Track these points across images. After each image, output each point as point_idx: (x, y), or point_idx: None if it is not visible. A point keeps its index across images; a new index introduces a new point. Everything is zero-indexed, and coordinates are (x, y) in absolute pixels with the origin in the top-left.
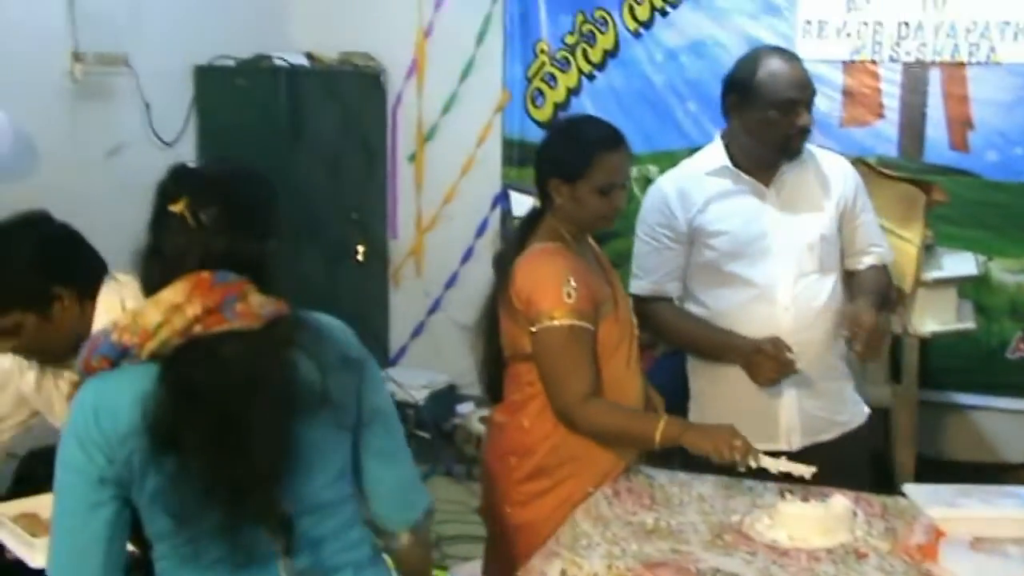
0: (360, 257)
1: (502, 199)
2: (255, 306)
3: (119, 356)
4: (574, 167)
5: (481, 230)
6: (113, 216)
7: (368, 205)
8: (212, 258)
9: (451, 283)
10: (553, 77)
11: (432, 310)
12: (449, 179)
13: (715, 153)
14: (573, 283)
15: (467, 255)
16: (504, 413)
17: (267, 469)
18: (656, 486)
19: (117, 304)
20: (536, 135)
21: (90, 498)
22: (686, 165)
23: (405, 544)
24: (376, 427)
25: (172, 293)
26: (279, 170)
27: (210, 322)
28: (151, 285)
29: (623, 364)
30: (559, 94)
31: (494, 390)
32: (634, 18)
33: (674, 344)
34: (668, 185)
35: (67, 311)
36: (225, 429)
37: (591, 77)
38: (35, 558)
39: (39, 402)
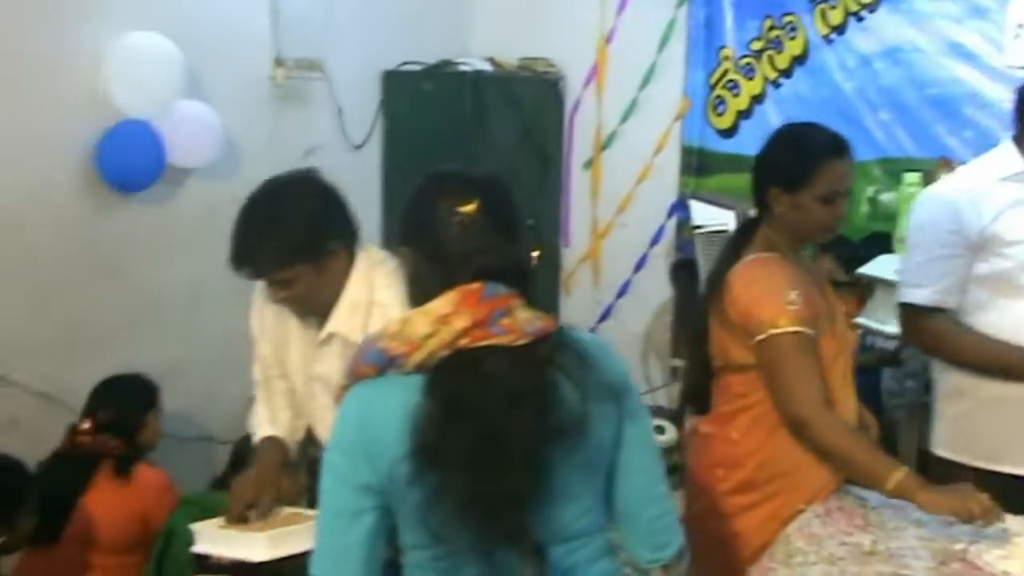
0: (533, 263)
1: (679, 208)
2: (521, 322)
3: (386, 365)
4: (796, 175)
5: (656, 239)
6: None
7: (542, 211)
8: (494, 266)
9: (623, 291)
10: (736, 84)
11: (603, 318)
12: (625, 187)
13: (1008, 158)
14: (795, 292)
15: (640, 263)
16: (712, 424)
17: (521, 490)
18: (869, 508)
19: (369, 282)
20: (716, 143)
21: (352, 506)
22: (972, 171)
23: None
24: (633, 461)
25: (442, 303)
26: None
27: (476, 335)
28: (430, 291)
29: (840, 380)
30: (742, 102)
31: (699, 400)
32: (826, 23)
33: (950, 359)
34: (956, 192)
35: (337, 265)
36: (484, 446)
37: (777, 84)
38: (256, 553)
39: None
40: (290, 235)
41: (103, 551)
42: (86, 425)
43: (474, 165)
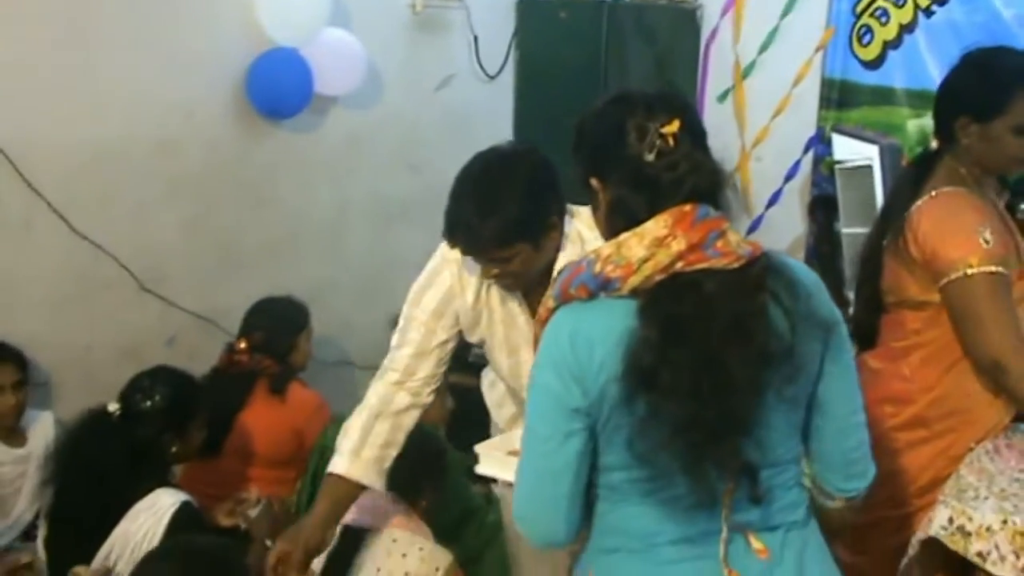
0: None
1: (816, 143)
2: (734, 244)
3: (599, 288)
4: (989, 104)
5: (791, 174)
6: (443, 146)
7: None
8: (703, 187)
9: (755, 226)
10: (885, 12)
11: None
12: (760, 120)
13: None
14: (987, 229)
15: (774, 199)
16: (880, 359)
17: (742, 415)
18: None
19: (578, 239)
20: (860, 75)
21: (563, 427)
22: None
23: (838, 507)
24: (834, 393)
25: (657, 226)
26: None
27: (692, 259)
28: (634, 219)
29: None
30: (890, 31)
31: (866, 336)
32: None
33: None
34: None
35: (552, 239)
36: (705, 370)
37: (929, 12)
38: None
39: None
40: (512, 215)
41: (260, 464)
42: (242, 345)
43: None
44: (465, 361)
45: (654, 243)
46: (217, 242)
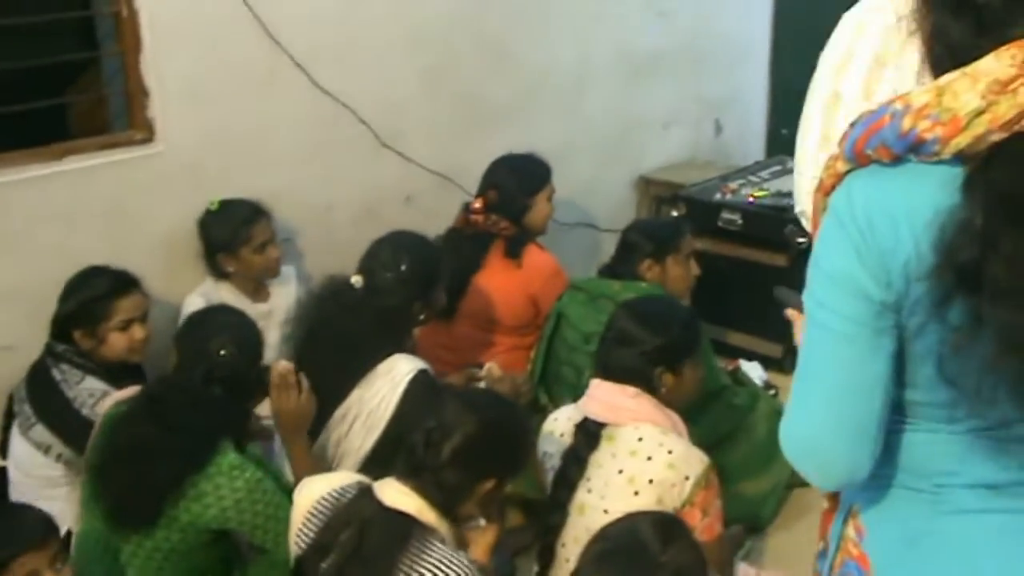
0: None
1: None
2: None
3: (907, 149)
4: None
5: None
6: None
7: None
8: None
9: None
10: None
11: None
12: None
13: None
14: None
15: None
16: None
17: None
18: None
19: None
20: None
21: (872, 324)
22: None
23: None
24: None
25: (999, 64)
26: None
27: None
28: (959, 53)
29: None
30: None
31: None
32: None
33: None
34: None
35: None
36: None
37: None
38: None
39: None
40: None
41: (495, 329)
42: (477, 204)
43: None
44: (714, 226)
45: (993, 88)
46: (456, 97)
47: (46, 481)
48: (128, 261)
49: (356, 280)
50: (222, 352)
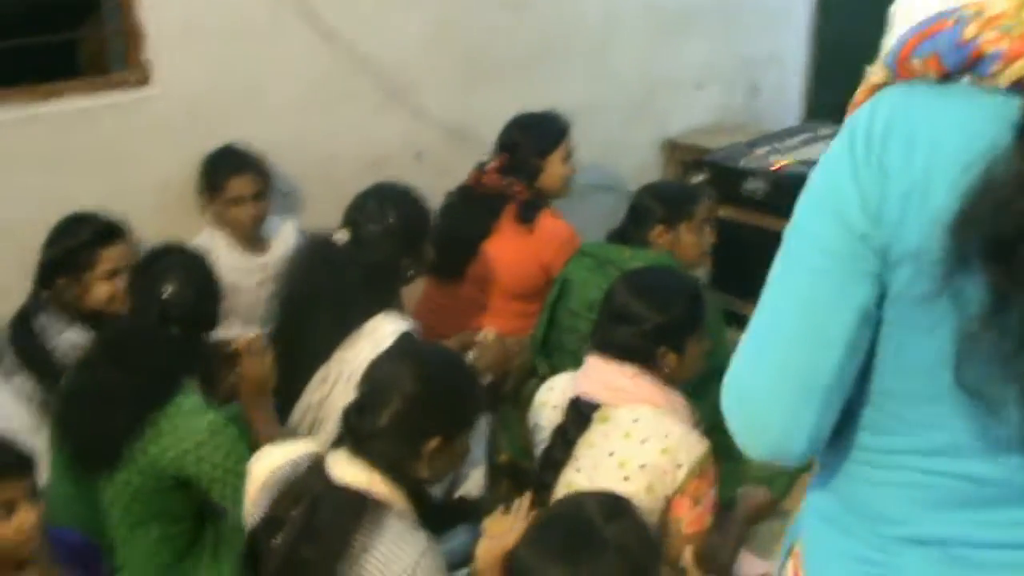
0: None
1: None
2: None
3: (960, 64)
4: None
5: None
6: None
7: None
8: None
9: None
10: None
11: None
12: None
13: None
14: None
15: None
16: None
17: None
18: None
19: None
20: None
21: (845, 257)
22: None
23: None
24: None
25: None
26: None
27: None
28: None
29: None
30: None
31: None
32: None
33: None
34: None
35: None
36: None
37: None
38: None
39: None
40: None
41: (501, 295)
42: (492, 164)
43: None
44: (737, 193)
45: None
46: (471, 49)
47: (26, 428)
48: (121, 207)
49: (340, 235)
50: (173, 291)
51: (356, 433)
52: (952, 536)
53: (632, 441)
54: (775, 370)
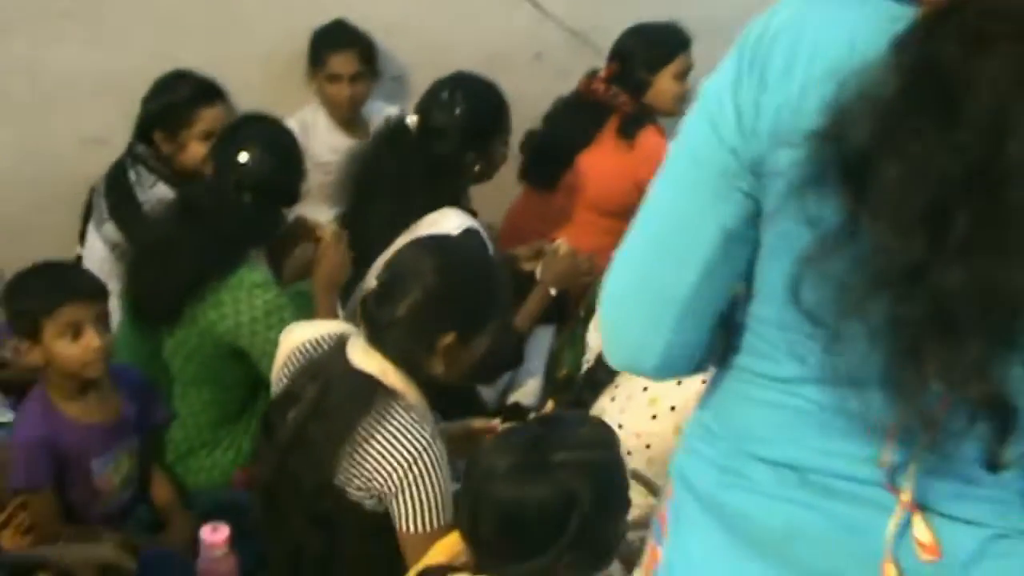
0: None
1: None
2: None
3: None
4: None
5: None
6: None
7: None
8: None
9: None
10: None
11: None
12: None
13: None
14: None
15: None
16: None
17: None
18: None
19: None
20: None
21: (714, 167)
22: None
23: None
24: None
25: None
26: None
27: None
28: None
29: None
30: None
31: None
32: None
33: None
34: None
35: None
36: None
37: None
38: None
39: None
40: None
41: (590, 208)
42: (602, 73)
43: None
44: None
45: None
46: None
47: (109, 278)
48: (225, 73)
49: (411, 120)
50: (251, 159)
51: (374, 322)
52: (806, 462)
53: (670, 380)
54: (636, 280)
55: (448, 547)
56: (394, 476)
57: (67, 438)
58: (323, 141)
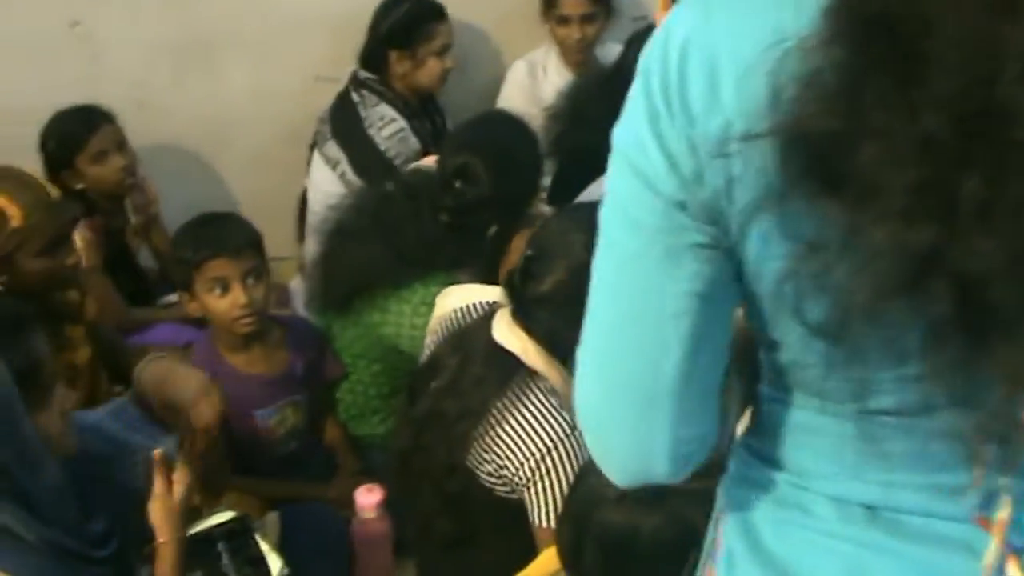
0: None
1: None
2: None
3: None
4: None
5: None
6: None
7: None
8: None
9: None
10: None
11: None
12: None
13: None
14: None
15: None
16: None
17: None
18: None
19: None
20: None
21: (660, 229)
22: None
23: None
24: None
25: None
26: None
27: None
28: None
29: None
30: None
31: None
32: None
33: None
34: None
35: None
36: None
37: None
38: None
39: None
40: None
41: None
42: None
43: None
44: None
45: None
46: None
47: (327, 198)
48: (457, 9)
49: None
50: (463, 186)
51: (518, 297)
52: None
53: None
54: (609, 386)
55: (543, 565)
56: (527, 465)
57: (230, 388)
58: (552, 81)
